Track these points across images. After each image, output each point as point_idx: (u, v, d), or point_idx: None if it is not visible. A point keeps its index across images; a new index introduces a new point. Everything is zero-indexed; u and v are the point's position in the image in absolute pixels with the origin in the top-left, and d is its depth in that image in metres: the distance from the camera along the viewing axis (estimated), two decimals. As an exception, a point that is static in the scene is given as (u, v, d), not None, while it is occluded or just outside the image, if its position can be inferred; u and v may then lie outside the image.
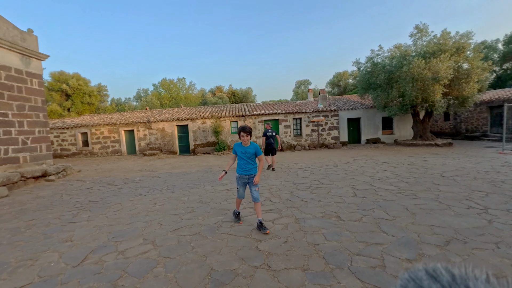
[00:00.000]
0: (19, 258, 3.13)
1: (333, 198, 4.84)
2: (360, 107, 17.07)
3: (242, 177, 3.62)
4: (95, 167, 11.98)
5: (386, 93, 14.01)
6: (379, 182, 5.93)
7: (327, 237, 3.12)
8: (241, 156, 3.58)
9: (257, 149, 3.58)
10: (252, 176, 3.57)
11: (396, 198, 4.59)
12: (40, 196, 6.58)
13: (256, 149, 3.57)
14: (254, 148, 3.57)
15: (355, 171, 7.55)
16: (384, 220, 3.58)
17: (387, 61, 14.24)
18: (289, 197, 5.07)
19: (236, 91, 37.70)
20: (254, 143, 3.60)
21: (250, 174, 3.58)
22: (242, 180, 3.64)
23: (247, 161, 3.57)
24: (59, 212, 5.03)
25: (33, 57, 9.07)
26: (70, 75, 28.13)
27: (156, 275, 2.54)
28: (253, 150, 3.56)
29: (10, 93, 8.14)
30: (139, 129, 16.85)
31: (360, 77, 15.77)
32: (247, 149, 3.55)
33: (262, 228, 3.43)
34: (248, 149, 3.55)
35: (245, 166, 3.58)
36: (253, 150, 3.56)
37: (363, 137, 17.28)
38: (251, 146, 3.57)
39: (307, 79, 44.61)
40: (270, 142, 8.37)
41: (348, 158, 10.65)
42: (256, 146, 3.59)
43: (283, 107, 18.03)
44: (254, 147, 3.57)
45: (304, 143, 16.44)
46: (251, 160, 3.58)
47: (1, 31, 7.91)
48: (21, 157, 8.42)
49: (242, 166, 3.59)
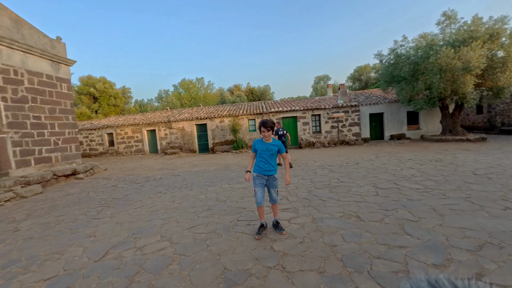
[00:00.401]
0: (48, 252, 3.33)
1: (353, 197, 4.63)
2: (383, 102, 16.30)
3: (260, 176, 3.24)
4: (120, 166, 12.56)
5: (411, 86, 13.22)
6: (403, 180, 5.60)
7: (345, 238, 2.97)
8: (261, 154, 3.21)
9: (281, 146, 3.22)
10: (272, 177, 3.25)
11: (422, 197, 4.29)
12: (70, 193, 7.00)
13: (280, 146, 3.21)
14: (277, 145, 3.20)
15: (377, 168, 7.20)
16: (409, 221, 3.35)
17: (412, 52, 13.41)
18: (306, 196, 4.94)
19: (254, 89, 37.70)
20: (276, 140, 3.24)
21: (269, 174, 3.24)
22: (260, 180, 3.24)
23: (266, 161, 3.20)
24: (86, 208, 5.31)
25: (62, 63, 9.65)
26: (97, 79, 29.73)
27: (171, 272, 2.57)
28: (276, 147, 3.19)
29: (42, 97, 8.74)
30: (160, 129, 17.41)
31: (382, 70, 15.03)
32: (269, 145, 3.18)
33: (279, 229, 3.30)
34: (270, 146, 3.18)
35: (264, 166, 3.21)
36: (276, 147, 3.18)
37: (386, 133, 16.50)
38: (274, 142, 3.21)
39: (327, 75, 43.55)
40: (282, 141, 8.52)
41: (370, 155, 10.22)
42: (279, 143, 3.22)
43: (301, 103, 17.71)
44: (277, 143, 3.21)
45: (323, 140, 16.04)
46: (272, 159, 3.23)
47: (33, 40, 8.49)
48: (53, 156, 9.02)
49: (261, 165, 3.22)
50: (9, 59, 7.70)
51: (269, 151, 3.18)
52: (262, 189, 3.26)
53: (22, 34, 8.14)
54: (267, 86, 38.75)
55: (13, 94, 7.74)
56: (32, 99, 8.35)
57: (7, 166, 7.45)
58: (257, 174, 3.27)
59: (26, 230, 4.23)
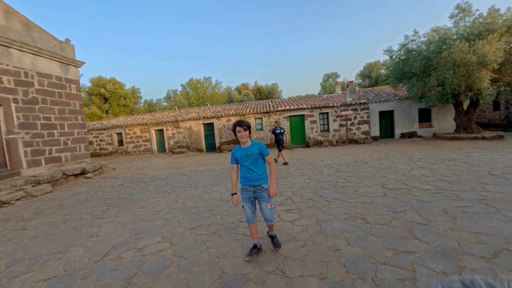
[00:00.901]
0: (51, 251, 3.35)
1: (360, 198, 4.47)
2: (393, 99, 15.85)
3: (246, 188, 2.72)
4: (128, 165, 12.73)
5: (423, 82, 12.76)
6: (413, 180, 5.38)
7: (350, 242, 2.85)
8: (242, 162, 2.68)
9: (262, 148, 2.68)
10: (260, 188, 2.67)
11: (433, 199, 4.09)
12: (78, 192, 7.12)
13: (261, 148, 2.67)
14: (257, 148, 2.66)
15: (386, 168, 6.97)
16: (418, 224, 3.18)
17: (423, 46, 12.94)
18: (311, 196, 4.81)
19: (262, 87, 37.55)
20: (256, 141, 2.72)
21: (256, 185, 2.66)
22: (246, 193, 2.71)
23: (249, 168, 2.66)
24: (91, 208, 5.37)
25: (71, 65, 9.83)
26: (107, 80, 30.33)
27: (169, 275, 2.52)
28: (257, 150, 2.65)
29: (52, 98, 8.92)
30: (168, 128, 17.56)
31: (392, 66, 14.59)
32: (248, 150, 2.65)
33: (275, 245, 2.83)
34: (249, 150, 2.64)
35: (248, 175, 2.67)
36: (256, 150, 2.65)
37: (397, 131, 16.05)
38: (253, 145, 2.68)
39: (335, 72, 42.83)
40: (279, 139, 8.93)
41: (379, 154, 9.94)
42: (260, 144, 2.68)
43: (308, 102, 17.46)
44: (258, 146, 2.67)
45: (331, 139, 15.77)
46: (256, 165, 2.67)
47: (43, 43, 8.67)
48: (63, 156, 9.22)
49: (245, 175, 2.71)
50: (20, 62, 7.89)
51: (250, 157, 2.65)
52: (251, 204, 2.73)
53: (32, 37, 8.33)
54: (275, 85, 38.52)
55: (24, 96, 7.93)
56: (42, 100, 8.54)
57: (18, 166, 7.65)
58: (242, 186, 2.75)
59: (33, 229, 4.30)
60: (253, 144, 2.70)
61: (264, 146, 2.71)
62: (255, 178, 2.67)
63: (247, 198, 2.72)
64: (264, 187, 2.70)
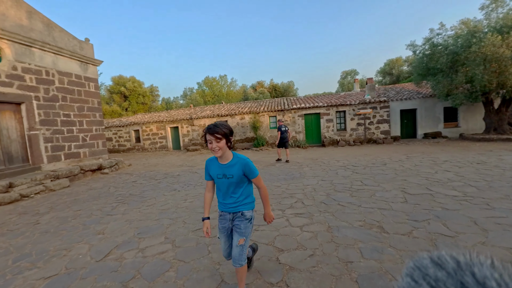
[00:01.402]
0: (57, 247, 3.36)
1: (377, 203, 4.14)
2: (416, 97, 14.97)
3: (223, 215, 2.02)
4: (144, 162, 12.98)
5: (449, 79, 11.90)
6: (438, 185, 4.93)
7: (364, 254, 2.57)
8: (218, 183, 1.94)
9: (248, 167, 1.86)
10: (239, 216, 1.95)
11: (461, 207, 3.68)
12: (93, 187, 7.28)
13: (246, 167, 1.86)
14: (241, 167, 1.85)
15: (407, 170, 6.51)
16: (443, 236, 2.83)
17: (450, 40, 12.04)
18: (324, 200, 4.53)
19: (277, 85, 37.14)
20: (240, 156, 1.89)
21: (235, 211, 1.96)
22: (223, 222, 2.01)
23: (227, 193, 1.93)
24: (103, 204, 5.43)
25: (90, 63, 10.11)
26: (127, 79, 31.34)
27: (166, 281, 2.39)
28: (239, 171, 1.85)
29: (72, 96, 9.22)
30: (183, 126, 17.77)
31: (416, 62, 13.75)
32: (228, 169, 1.86)
33: None
34: (229, 170, 1.86)
35: (226, 200, 1.96)
36: (238, 171, 1.85)
37: (419, 130, 15.16)
38: (236, 162, 1.86)
39: (354, 69, 41.45)
40: (285, 136, 9.31)
41: (400, 155, 9.37)
42: (245, 162, 1.86)
43: (325, 99, 16.94)
44: (242, 164, 1.85)
45: (348, 138, 15.19)
46: (237, 190, 1.92)
47: (63, 42, 8.96)
48: (81, 152, 9.52)
49: (221, 200, 2.01)
50: (41, 61, 8.19)
51: (229, 179, 1.87)
52: (227, 236, 2.05)
53: (53, 37, 8.62)
54: (291, 82, 37.96)
55: (45, 94, 8.23)
56: (62, 98, 8.84)
57: (39, 161, 7.96)
58: (219, 212, 2.07)
59: (45, 224, 4.38)
60: (235, 160, 1.86)
61: (251, 163, 1.88)
62: (234, 204, 1.95)
63: (224, 228, 2.02)
64: (246, 214, 1.95)
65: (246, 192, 1.98)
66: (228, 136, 1.81)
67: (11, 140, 7.40)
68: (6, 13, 7.19)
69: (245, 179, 1.93)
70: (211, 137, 1.78)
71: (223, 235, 2.05)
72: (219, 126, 1.79)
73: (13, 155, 7.43)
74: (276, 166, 8.83)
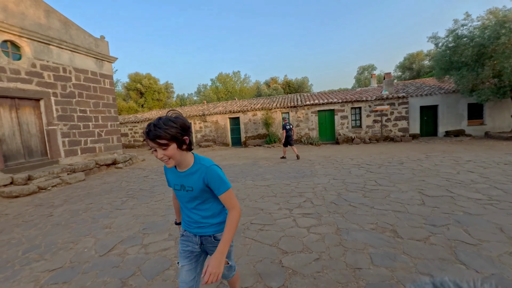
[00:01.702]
0: (66, 240, 3.42)
1: (392, 204, 3.89)
2: (437, 92, 14.17)
3: (186, 235, 1.51)
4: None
5: (475, 73, 11.12)
6: (459, 187, 4.57)
7: (374, 260, 2.39)
8: (177, 194, 1.46)
9: (211, 177, 1.33)
10: (210, 240, 1.46)
11: (485, 212, 3.37)
12: (106, 182, 7.46)
13: (208, 177, 1.33)
14: (201, 177, 1.34)
15: (426, 170, 6.13)
16: (464, 244, 2.58)
17: (476, 32, 11.21)
18: (334, 200, 4.34)
19: (291, 81, 36.59)
20: (203, 162, 1.37)
21: (203, 234, 1.46)
22: (185, 244, 1.50)
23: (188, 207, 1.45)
24: (113, 198, 5.52)
25: (105, 60, 10.33)
26: (143, 75, 32.02)
27: (165, 279, 2.33)
28: (199, 183, 1.35)
29: (88, 92, 9.47)
30: (196, 122, 17.92)
31: (438, 55, 12.96)
32: (186, 179, 1.37)
33: None
34: (187, 180, 1.37)
35: (187, 218, 1.48)
36: (198, 182, 1.35)
37: (440, 128, 14.37)
38: (196, 170, 1.35)
39: (372, 64, 39.98)
40: (290, 134, 9.56)
41: (418, 154, 8.90)
42: (207, 170, 1.33)
43: (339, 95, 16.44)
44: (203, 173, 1.34)
45: (364, 136, 14.68)
46: (201, 204, 1.42)
47: (79, 40, 9.19)
48: (97, 147, 9.80)
49: (183, 216, 1.52)
50: (59, 58, 8.45)
51: (189, 192, 1.38)
52: (190, 262, 1.48)
53: (70, 35, 8.86)
54: (305, 78, 37.25)
55: (62, 90, 8.50)
56: (78, 94, 9.11)
57: (57, 155, 8.27)
58: (182, 231, 1.55)
59: (57, 216, 4.50)
60: (196, 166, 1.34)
61: (217, 173, 1.32)
62: (200, 224, 1.44)
63: (186, 252, 1.48)
64: (218, 237, 1.45)
65: (213, 209, 1.42)
66: (179, 137, 1.22)
67: (31, 134, 7.72)
68: (25, 12, 7.45)
69: (209, 194, 1.38)
70: (153, 144, 1.21)
71: (186, 260, 1.46)
72: (161, 127, 1.18)
73: (32, 149, 7.75)
74: (287, 163, 8.66)
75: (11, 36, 7.12)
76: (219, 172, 1.34)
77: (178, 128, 1.22)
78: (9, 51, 7.19)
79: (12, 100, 7.21)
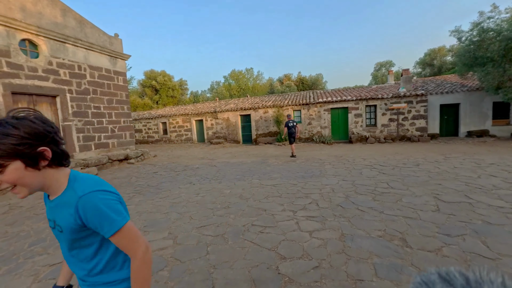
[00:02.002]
0: (70, 236, 3.47)
1: (403, 210, 3.66)
2: (459, 90, 13.37)
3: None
4: (169, 153, 13.41)
5: (502, 69, 10.35)
6: (480, 192, 4.24)
7: (378, 272, 2.22)
8: (54, 234, 0.90)
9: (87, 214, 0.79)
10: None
11: (508, 222, 3.07)
12: (117, 177, 7.62)
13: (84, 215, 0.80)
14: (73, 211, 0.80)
15: (443, 173, 5.77)
16: (481, 257, 2.35)
17: (504, 25, 10.41)
18: (341, 202, 4.15)
19: (305, 78, 35.99)
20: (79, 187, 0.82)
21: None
22: None
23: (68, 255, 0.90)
24: (121, 194, 5.56)
25: (119, 58, 10.53)
26: (158, 73, 32.62)
27: (158, 280, 2.29)
28: (70, 220, 0.81)
29: (102, 89, 9.70)
30: (207, 119, 18.02)
31: (461, 50, 12.20)
32: (55, 211, 0.85)
33: None
34: (56, 213, 0.85)
35: (72, 267, 0.91)
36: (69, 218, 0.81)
37: (462, 128, 13.58)
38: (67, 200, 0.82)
39: (390, 60, 38.56)
40: (292, 132, 9.54)
41: (436, 155, 8.43)
42: (83, 203, 0.79)
43: (354, 93, 15.93)
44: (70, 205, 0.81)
45: (379, 135, 14.16)
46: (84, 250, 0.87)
47: (94, 38, 9.40)
48: (110, 143, 10.04)
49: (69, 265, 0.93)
50: (74, 56, 8.69)
51: (61, 234, 0.86)
52: None
53: (85, 33, 9.08)
54: (319, 75, 36.51)
55: (77, 87, 8.75)
56: (93, 91, 9.34)
57: (72, 150, 8.54)
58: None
59: (66, 210, 4.62)
60: (66, 194, 0.83)
61: (97, 204, 0.81)
62: (85, 282, 0.92)
63: None
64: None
65: (108, 256, 0.90)
66: (25, 151, 0.74)
67: (48, 130, 8.00)
68: (42, 12, 7.69)
69: (91, 236, 0.87)
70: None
71: None
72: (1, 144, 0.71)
73: (49, 144, 8.03)
74: (297, 162, 8.48)
75: (29, 35, 7.38)
76: (101, 202, 0.81)
77: (21, 136, 0.73)
78: (27, 49, 7.46)
79: (30, 97, 7.49)
